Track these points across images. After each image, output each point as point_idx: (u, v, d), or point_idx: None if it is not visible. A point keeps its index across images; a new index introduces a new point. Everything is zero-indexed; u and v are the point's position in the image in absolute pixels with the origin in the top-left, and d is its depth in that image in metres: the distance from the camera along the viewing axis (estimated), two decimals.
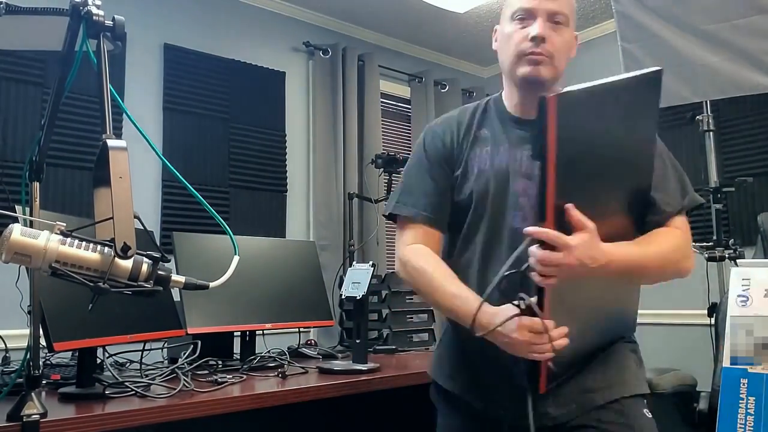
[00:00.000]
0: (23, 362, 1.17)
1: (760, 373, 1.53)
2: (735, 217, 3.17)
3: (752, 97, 2.73)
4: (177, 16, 3.08)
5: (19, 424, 1.09)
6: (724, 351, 1.63)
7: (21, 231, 0.91)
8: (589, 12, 3.67)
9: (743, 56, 2.35)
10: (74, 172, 2.63)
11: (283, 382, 1.55)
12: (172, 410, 1.29)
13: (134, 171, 0.97)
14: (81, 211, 2.59)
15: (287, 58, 3.48)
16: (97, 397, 1.37)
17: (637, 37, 2.58)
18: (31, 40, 1.41)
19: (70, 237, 0.94)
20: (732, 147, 3.22)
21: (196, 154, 3.01)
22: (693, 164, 3.34)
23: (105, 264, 0.94)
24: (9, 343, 1.95)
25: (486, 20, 3.73)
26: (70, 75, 1.13)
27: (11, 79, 2.52)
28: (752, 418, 1.49)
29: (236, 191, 3.14)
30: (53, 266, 0.91)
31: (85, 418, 1.19)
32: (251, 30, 3.35)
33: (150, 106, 2.93)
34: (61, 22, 1.09)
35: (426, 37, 3.98)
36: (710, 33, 2.41)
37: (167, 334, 1.73)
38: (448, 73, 4.24)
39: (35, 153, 1.20)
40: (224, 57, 3.19)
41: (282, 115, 3.39)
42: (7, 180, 2.39)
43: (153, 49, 2.98)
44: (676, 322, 3.38)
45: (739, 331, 1.62)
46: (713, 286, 2.72)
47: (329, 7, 3.55)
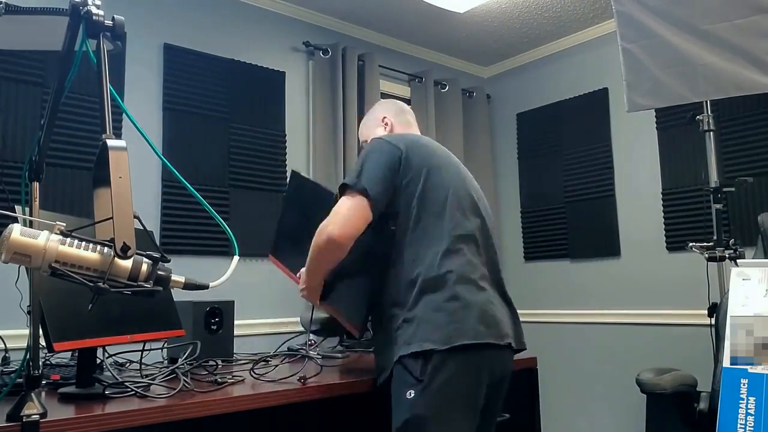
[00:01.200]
0: (23, 362, 1.17)
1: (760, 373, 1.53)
2: (735, 217, 3.17)
3: (752, 97, 2.73)
4: (177, 16, 3.08)
5: (18, 424, 1.09)
6: (724, 351, 1.63)
7: (21, 231, 0.91)
8: (589, 12, 3.67)
9: (743, 56, 2.35)
10: (74, 172, 2.63)
11: (283, 381, 1.55)
12: (172, 410, 1.29)
13: (134, 171, 0.97)
14: (81, 211, 2.59)
15: (287, 58, 3.48)
16: (97, 397, 1.37)
17: (637, 37, 2.58)
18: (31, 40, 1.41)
19: (69, 237, 0.94)
20: (732, 147, 3.22)
21: (195, 154, 3.01)
22: (693, 164, 3.35)
23: (105, 264, 0.94)
24: (9, 343, 1.95)
25: (486, 20, 3.73)
26: (69, 75, 1.13)
27: (11, 79, 2.52)
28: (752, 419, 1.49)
29: (236, 191, 3.14)
30: (53, 266, 0.91)
31: (85, 418, 1.19)
32: (251, 30, 3.35)
33: (150, 106, 2.93)
34: (61, 22, 1.09)
35: (426, 37, 3.98)
36: (710, 33, 2.41)
37: (167, 334, 1.73)
38: (448, 73, 4.24)
39: (35, 153, 1.20)
40: (224, 57, 3.19)
41: (282, 115, 3.38)
42: (7, 180, 2.39)
43: (153, 49, 2.98)
44: (676, 322, 3.38)
45: (739, 331, 1.62)
46: (713, 286, 2.72)
47: (329, 7, 3.55)
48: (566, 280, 3.94)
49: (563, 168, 3.98)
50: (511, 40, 4.05)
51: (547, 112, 4.12)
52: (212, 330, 2.04)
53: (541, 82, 4.19)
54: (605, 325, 3.72)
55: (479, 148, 4.25)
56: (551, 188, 4.04)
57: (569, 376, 3.87)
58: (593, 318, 3.78)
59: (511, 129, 4.35)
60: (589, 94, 3.87)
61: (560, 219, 3.98)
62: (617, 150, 3.74)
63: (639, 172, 3.63)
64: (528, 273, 4.16)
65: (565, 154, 3.98)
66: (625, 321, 3.62)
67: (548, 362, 3.90)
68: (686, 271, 3.30)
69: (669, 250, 3.45)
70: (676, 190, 3.44)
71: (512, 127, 4.34)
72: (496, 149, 4.43)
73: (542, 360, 2.31)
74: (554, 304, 3.99)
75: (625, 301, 3.64)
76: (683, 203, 3.40)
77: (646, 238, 3.56)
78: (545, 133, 4.12)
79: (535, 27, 3.85)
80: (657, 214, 3.51)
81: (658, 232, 3.50)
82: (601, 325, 3.74)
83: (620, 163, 3.73)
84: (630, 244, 3.64)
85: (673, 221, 3.44)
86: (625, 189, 3.69)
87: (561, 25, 3.84)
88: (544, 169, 4.10)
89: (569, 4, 3.57)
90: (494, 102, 4.49)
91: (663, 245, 3.48)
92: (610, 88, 3.76)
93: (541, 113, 4.15)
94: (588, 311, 3.81)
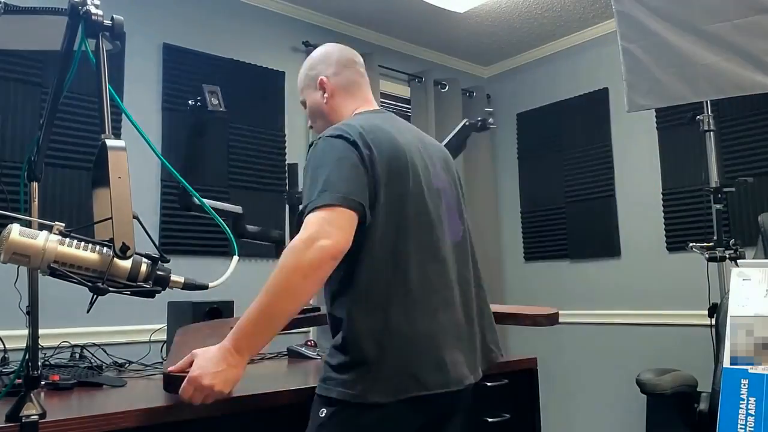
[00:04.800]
0: (22, 362, 1.16)
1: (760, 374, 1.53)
2: (735, 217, 3.17)
3: (752, 97, 2.73)
4: (176, 16, 3.07)
5: (18, 424, 1.09)
6: (724, 351, 1.63)
7: (20, 231, 0.90)
8: (589, 12, 3.67)
9: (743, 56, 2.35)
10: (73, 172, 2.62)
11: (287, 380, 1.55)
12: (173, 410, 1.29)
13: (133, 171, 0.96)
14: (80, 211, 2.59)
15: (287, 57, 3.48)
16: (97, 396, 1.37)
17: (637, 37, 2.58)
18: (30, 40, 1.41)
19: (68, 237, 0.93)
20: (732, 147, 3.22)
21: (195, 154, 3.01)
22: (693, 164, 3.35)
23: (104, 264, 0.93)
24: (8, 343, 1.95)
25: (486, 20, 3.73)
26: (68, 75, 1.13)
27: (10, 79, 2.51)
28: (752, 419, 1.49)
29: (235, 191, 3.13)
30: (52, 266, 0.91)
31: (85, 418, 1.19)
32: (250, 30, 3.35)
33: (149, 106, 2.93)
34: (60, 22, 1.09)
35: (426, 37, 3.98)
36: (710, 33, 2.40)
37: None
38: (448, 73, 4.24)
39: (34, 153, 1.20)
40: (223, 57, 3.19)
41: (282, 115, 3.38)
42: (6, 180, 2.39)
43: (152, 49, 2.98)
44: (676, 322, 3.38)
45: (739, 331, 1.62)
46: (713, 286, 2.72)
47: (329, 7, 3.54)
48: (566, 281, 3.94)
49: (563, 168, 3.98)
50: (511, 40, 4.05)
51: (547, 112, 4.11)
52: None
53: (542, 82, 4.18)
54: (605, 325, 3.72)
55: (479, 148, 4.25)
56: (551, 188, 4.03)
57: (569, 376, 3.87)
58: (593, 318, 3.77)
59: (511, 129, 4.35)
60: (590, 94, 3.86)
61: (560, 219, 3.97)
62: (617, 150, 3.74)
63: (639, 172, 3.62)
64: (528, 273, 4.16)
65: (565, 154, 3.98)
66: (625, 321, 3.62)
67: (548, 362, 3.90)
68: (686, 272, 3.29)
69: (669, 250, 3.45)
70: (676, 190, 3.44)
71: (512, 127, 4.34)
72: (496, 149, 4.43)
73: (542, 360, 2.31)
74: (554, 304, 3.96)
75: (625, 301, 3.64)
76: (683, 203, 3.39)
77: (646, 239, 3.55)
78: (545, 133, 4.11)
79: (535, 27, 3.85)
80: (657, 215, 3.51)
81: (658, 233, 3.50)
82: (601, 325, 3.73)
83: (620, 163, 3.73)
84: (630, 244, 3.64)
85: (673, 221, 3.44)
86: (625, 189, 3.69)
87: (561, 25, 3.83)
88: (544, 169, 4.10)
89: (569, 4, 3.57)
90: (494, 102, 4.49)
91: (663, 245, 3.47)
92: (610, 88, 3.75)
93: (541, 113, 4.15)
94: (588, 311, 3.81)
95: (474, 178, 4.20)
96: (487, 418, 1.96)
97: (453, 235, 1.42)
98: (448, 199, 1.44)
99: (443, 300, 1.33)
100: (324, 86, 1.50)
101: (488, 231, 4.19)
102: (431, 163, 1.44)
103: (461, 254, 1.44)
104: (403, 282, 1.27)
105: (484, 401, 1.98)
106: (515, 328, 4.10)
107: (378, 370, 1.21)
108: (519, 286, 4.17)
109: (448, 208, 1.43)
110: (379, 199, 1.28)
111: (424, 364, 1.25)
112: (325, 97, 1.50)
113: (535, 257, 4.12)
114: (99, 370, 1.86)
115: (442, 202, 1.41)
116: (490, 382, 1.99)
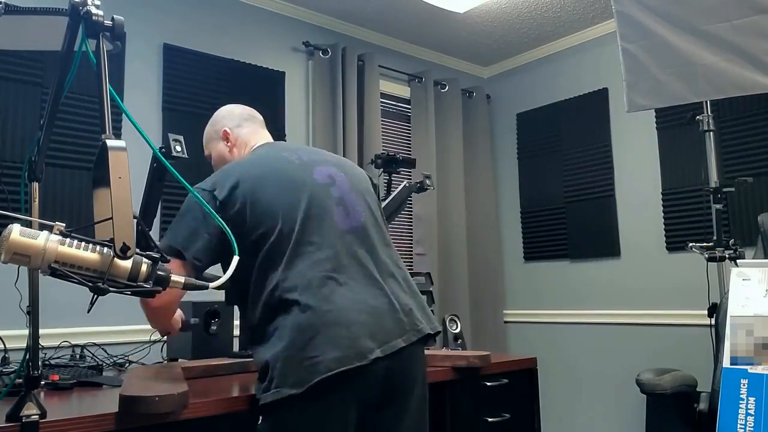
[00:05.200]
0: (22, 362, 1.16)
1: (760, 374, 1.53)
2: (735, 217, 3.17)
3: (752, 97, 2.73)
4: (177, 16, 3.08)
5: (18, 424, 1.09)
6: (724, 351, 1.63)
7: (20, 231, 0.90)
8: (588, 12, 3.67)
9: (743, 56, 2.35)
10: (73, 172, 2.62)
11: None
12: (172, 410, 1.29)
13: (134, 171, 0.96)
14: (80, 212, 2.59)
15: (287, 58, 3.48)
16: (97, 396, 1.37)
17: (636, 37, 2.58)
18: (31, 40, 1.41)
19: (69, 237, 0.93)
20: (732, 147, 3.22)
21: (195, 155, 3.00)
22: (693, 164, 3.35)
23: (104, 264, 0.93)
24: (8, 343, 1.95)
25: (486, 20, 3.73)
26: (69, 75, 1.13)
27: (10, 79, 2.51)
28: (752, 419, 1.49)
29: None
30: (52, 266, 0.91)
31: (85, 418, 1.19)
32: (251, 30, 3.35)
33: (149, 106, 2.93)
34: (61, 22, 1.09)
35: (426, 37, 3.98)
36: (710, 33, 2.40)
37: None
38: (448, 73, 4.24)
39: (34, 153, 1.20)
40: (224, 57, 3.19)
41: (282, 115, 3.38)
42: (6, 180, 2.39)
43: (152, 49, 2.98)
44: (676, 322, 3.38)
45: (739, 331, 1.62)
46: (713, 286, 2.72)
47: (329, 7, 3.55)
48: (566, 281, 3.94)
49: (563, 168, 3.98)
50: (511, 40, 4.05)
51: (547, 112, 4.11)
52: (212, 330, 2.04)
53: (541, 82, 4.18)
54: (605, 325, 3.72)
55: (479, 149, 4.25)
56: (551, 188, 4.03)
57: (569, 376, 3.87)
58: (593, 318, 3.78)
59: (511, 129, 4.35)
60: (589, 94, 3.86)
61: (560, 219, 3.98)
62: (617, 150, 3.74)
63: (639, 172, 3.62)
64: (528, 273, 4.16)
65: (565, 154, 3.98)
66: (624, 321, 3.62)
67: (548, 362, 3.90)
68: (686, 272, 3.29)
69: (669, 250, 3.45)
70: (676, 190, 3.44)
71: (512, 128, 4.34)
72: (496, 149, 4.43)
73: (542, 360, 2.31)
74: (554, 304, 3.99)
75: (625, 301, 3.64)
76: (683, 203, 3.40)
77: (646, 239, 3.56)
78: (545, 134, 4.12)
79: (535, 27, 3.85)
80: (657, 215, 3.51)
81: (658, 233, 3.50)
82: (601, 325, 3.74)
83: (620, 163, 3.73)
84: (630, 244, 3.64)
85: (673, 221, 3.44)
86: (625, 189, 3.69)
87: (561, 25, 3.84)
88: (543, 169, 4.10)
89: (569, 4, 3.57)
90: (494, 102, 4.49)
91: (663, 245, 3.47)
92: (609, 88, 3.76)
93: (541, 113, 4.15)
94: (588, 311, 3.81)
95: (474, 178, 4.20)
96: (487, 417, 1.96)
97: (349, 225, 1.46)
98: (341, 186, 1.52)
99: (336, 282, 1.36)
100: (227, 136, 1.69)
101: (488, 231, 4.19)
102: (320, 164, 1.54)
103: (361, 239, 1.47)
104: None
105: (484, 401, 1.98)
106: (515, 328, 4.11)
107: (283, 365, 1.27)
108: (519, 286, 4.17)
109: (341, 193, 1.50)
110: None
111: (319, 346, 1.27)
112: (228, 145, 1.69)
113: (534, 257, 4.12)
114: (99, 370, 1.86)
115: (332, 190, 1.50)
116: (490, 382, 1.99)
